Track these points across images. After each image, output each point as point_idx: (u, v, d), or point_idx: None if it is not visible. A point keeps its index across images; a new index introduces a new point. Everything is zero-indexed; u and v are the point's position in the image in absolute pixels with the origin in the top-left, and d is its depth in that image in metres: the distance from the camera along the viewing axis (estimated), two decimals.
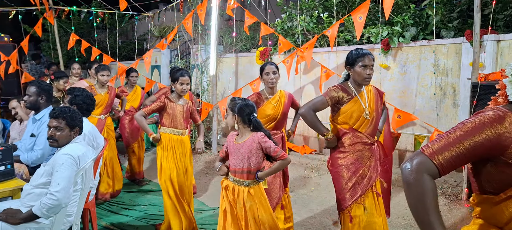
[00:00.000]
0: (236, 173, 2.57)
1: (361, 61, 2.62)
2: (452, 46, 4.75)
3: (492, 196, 1.20)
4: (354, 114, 2.71)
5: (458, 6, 5.19)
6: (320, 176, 5.36)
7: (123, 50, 11.84)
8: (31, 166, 3.21)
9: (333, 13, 5.78)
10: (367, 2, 4.53)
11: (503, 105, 1.22)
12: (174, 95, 3.59)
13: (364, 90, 2.77)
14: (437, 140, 1.20)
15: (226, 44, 7.84)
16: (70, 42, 7.44)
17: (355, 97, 2.71)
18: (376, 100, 2.80)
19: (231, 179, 2.60)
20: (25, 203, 2.53)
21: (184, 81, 3.47)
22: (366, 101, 2.74)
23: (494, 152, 1.14)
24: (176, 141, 3.54)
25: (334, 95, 2.70)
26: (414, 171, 1.16)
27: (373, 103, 2.77)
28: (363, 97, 2.73)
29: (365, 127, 2.74)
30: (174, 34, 6.73)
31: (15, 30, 10.06)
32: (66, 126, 2.61)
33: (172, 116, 3.54)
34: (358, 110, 2.71)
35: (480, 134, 1.13)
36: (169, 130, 3.54)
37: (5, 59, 7.80)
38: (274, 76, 3.33)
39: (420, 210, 1.15)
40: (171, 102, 3.54)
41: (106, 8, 8.55)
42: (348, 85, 2.76)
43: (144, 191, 4.98)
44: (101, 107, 4.59)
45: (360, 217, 2.72)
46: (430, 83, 4.98)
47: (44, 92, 3.38)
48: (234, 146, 2.59)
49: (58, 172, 2.41)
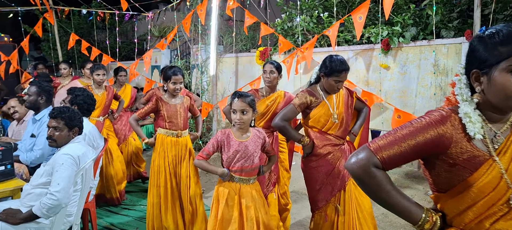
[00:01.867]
0: (243, 171, 2.48)
1: (337, 77, 2.61)
2: (452, 46, 4.76)
3: (442, 194, 1.24)
4: (322, 118, 2.73)
5: (458, 6, 5.19)
6: None
7: (123, 50, 11.84)
8: (31, 166, 3.21)
9: (333, 13, 5.78)
10: (367, 2, 4.53)
11: (452, 106, 1.25)
12: (167, 95, 3.41)
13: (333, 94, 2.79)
14: (383, 137, 1.23)
15: (226, 44, 7.85)
16: (70, 42, 7.45)
17: (323, 101, 2.72)
18: (345, 101, 2.80)
19: (236, 180, 2.49)
20: (25, 203, 2.53)
21: (177, 80, 3.29)
22: (334, 104, 2.74)
23: (437, 151, 1.18)
24: (169, 143, 3.35)
25: (303, 101, 2.72)
26: (361, 167, 1.19)
27: (342, 105, 2.77)
28: (331, 101, 2.74)
29: (334, 129, 2.75)
30: (174, 34, 6.73)
31: (15, 30, 10.07)
32: (64, 126, 2.61)
33: (168, 117, 3.35)
34: (326, 114, 2.72)
35: (424, 134, 1.17)
36: (163, 131, 3.38)
37: (5, 59, 7.81)
38: (271, 75, 3.34)
39: (383, 198, 1.20)
40: (164, 103, 3.35)
41: (106, 8, 8.55)
42: (317, 89, 2.77)
43: (145, 190, 4.97)
44: (98, 108, 4.42)
45: (333, 217, 2.72)
46: (430, 83, 4.98)
47: (45, 92, 3.39)
48: (239, 144, 2.46)
49: (58, 172, 2.41)
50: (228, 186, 2.49)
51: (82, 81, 5.57)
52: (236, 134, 2.49)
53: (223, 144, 2.48)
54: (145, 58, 7.27)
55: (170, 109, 3.35)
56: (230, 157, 2.47)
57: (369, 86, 5.60)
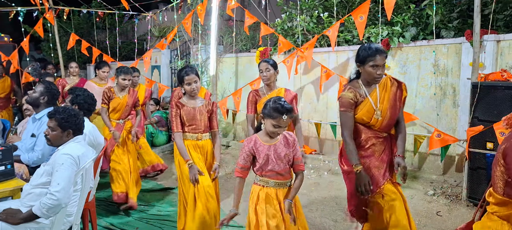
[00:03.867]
0: (278, 175, 2.38)
1: (372, 61, 2.45)
2: (452, 46, 4.75)
3: None
4: (365, 116, 2.58)
5: (458, 6, 5.18)
6: (320, 176, 5.36)
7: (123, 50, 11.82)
8: (32, 166, 3.22)
9: (333, 13, 5.78)
10: (367, 2, 4.53)
11: None
12: (186, 97, 3.23)
13: (377, 87, 2.59)
14: None
15: (226, 44, 7.84)
16: (70, 42, 7.44)
17: (367, 98, 2.56)
18: (393, 95, 2.60)
19: (272, 184, 2.39)
20: (25, 203, 2.53)
21: (190, 80, 3.09)
22: (378, 100, 2.56)
23: None
24: (190, 145, 3.18)
25: (350, 101, 2.55)
26: None
27: (387, 100, 2.57)
28: (374, 96, 2.57)
29: (377, 125, 2.60)
30: (174, 34, 6.73)
31: (15, 30, 10.07)
32: (57, 126, 2.63)
33: (188, 121, 3.16)
34: (369, 112, 2.57)
35: None
36: (185, 135, 3.19)
37: (5, 59, 7.81)
38: (268, 73, 3.35)
39: None
40: (184, 106, 3.17)
41: (106, 8, 8.55)
42: (359, 83, 2.60)
43: (145, 190, 4.98)
44: (119, 111, 4.34)
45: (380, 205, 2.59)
46: (430, 83, 4.98)
47: (49, 94, 3.43)
48: (267, 148, 2.36)
49: (58, 172, 2.41)
50: (265, 191, 2.39)
51: (95, 81, 5.52)
52: (262, 138, 2.40)
53: (254, 152, 2.39)
54: (145, 58, 7.27)
55: (190, 112, 3.16)
56: (260, 163, 2.37)
57: None
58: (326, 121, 5.95)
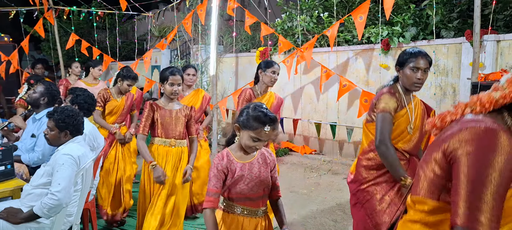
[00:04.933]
0: (248, 200, 1.90)
1: (413, 62, 2.21)
2: (452, 46, 4.76)
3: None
4: (399, 127, 2.28)
5: (458, 6, 5.19)
6: (320, 176, 5.36)
7: (123, 50, 11.84)
8: (32, 166, 3.22)
9: (333, 13, 5.78)
10: (367, 2, 4.53)
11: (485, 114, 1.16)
12: (163, 99, 2.95)
13: (412, 100, 2.36)
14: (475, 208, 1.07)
15: (226, 44, 7.85)
16: (70, 42, 7.44)
17: (405, 108, 2.30)
18: (422, 117, 2.36)
19: (239, 211, 1.91)
20: (25, 203, 2.53)
21: (175, 81, 2.85)
22: (413, 114, 2.31)
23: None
24: (162, 152, 2.94)
25: (394, 104, 2.24)
26: None
27: (419, 119, 2.34)
28: (410, 108, 2.32)
29: (405, 143, 2.29)
30: (174, 34, 6.73)
31: (15, 30, 10.07)
32: (54, 127, 2.63)
33: (162, 125, 2.91)
34: (405, 122, 2.28)
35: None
36: (156, 139, 2.95)
37: (5, 59, 7.81)
38: (276, 77, 3.32)
39: None
40: (159, 108, 2.91)
41: (106, 8, 8.56)
42: (398, 88, 2.33)
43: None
44: (115, 115, 4.12)
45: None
46: (430, 83, 4.98)
47: (49, 95, 3.43)
48: (241, 167, 1.89)
49: (59, 172, 2.42)
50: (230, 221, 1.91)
51: (86, 81, 5.44)
52: (236, 155, 1.92)
53: (225, 169, 1.88)
54: (145, 58, 7.27)
55: (164, 116, 2.90)
56: (228, 183, 1.89)
57: (369, 86, 5.60)
58: (326, 121, 5.95)
